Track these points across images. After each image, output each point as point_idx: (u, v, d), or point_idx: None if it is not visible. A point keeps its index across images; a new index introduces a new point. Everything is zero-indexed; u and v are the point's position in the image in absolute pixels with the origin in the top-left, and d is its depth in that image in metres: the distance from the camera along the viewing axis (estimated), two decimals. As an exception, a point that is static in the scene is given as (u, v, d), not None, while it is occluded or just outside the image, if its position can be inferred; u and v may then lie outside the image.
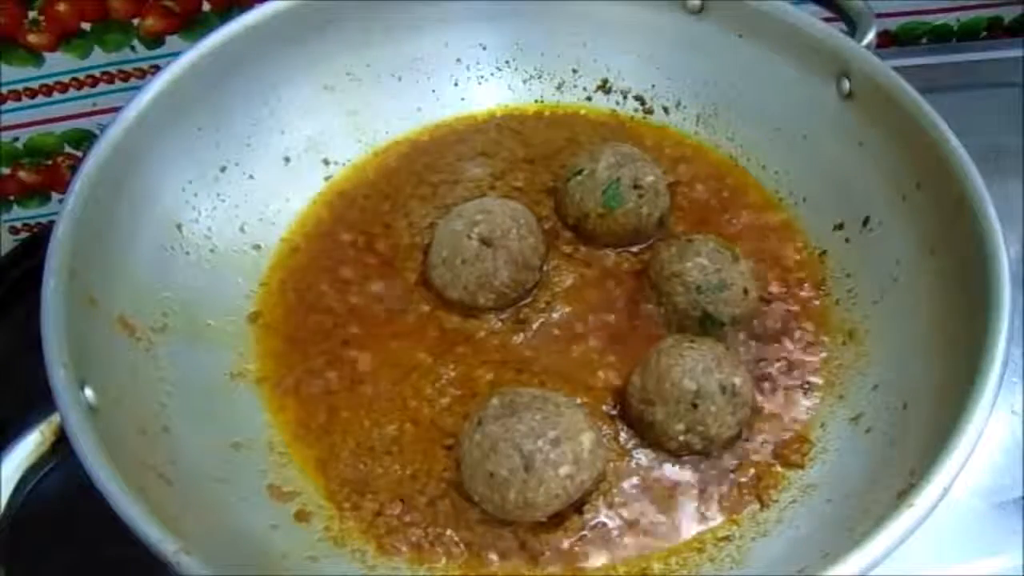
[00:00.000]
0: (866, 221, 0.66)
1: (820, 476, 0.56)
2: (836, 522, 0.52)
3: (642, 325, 0.63)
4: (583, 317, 0.64)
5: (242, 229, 0.68)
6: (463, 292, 0.62)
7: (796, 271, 0.67)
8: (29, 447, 0.48)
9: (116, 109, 0.61)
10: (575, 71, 0.78)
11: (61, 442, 0.47)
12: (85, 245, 0.55)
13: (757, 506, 0.56)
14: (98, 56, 0.85)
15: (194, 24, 0.85)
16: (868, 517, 0.48)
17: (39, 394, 0.47)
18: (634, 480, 0.56)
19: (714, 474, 0.57)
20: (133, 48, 0.85)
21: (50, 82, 0.86)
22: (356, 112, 0.74)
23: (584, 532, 0.54)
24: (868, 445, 0.56)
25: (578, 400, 0.57)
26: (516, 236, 0.62)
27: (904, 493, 0.47)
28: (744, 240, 0.68)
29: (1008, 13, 1.02)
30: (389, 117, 0.75)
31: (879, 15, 0.77)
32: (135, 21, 0.83)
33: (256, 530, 0.53)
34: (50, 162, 0.92)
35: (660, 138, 0.76)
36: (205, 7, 0.84)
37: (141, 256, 0.60)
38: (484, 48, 0.78)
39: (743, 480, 0.56)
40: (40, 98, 0.87)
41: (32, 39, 0.82)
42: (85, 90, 0.87)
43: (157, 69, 0.74)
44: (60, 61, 0.84)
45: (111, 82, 0.87)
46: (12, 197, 0.95)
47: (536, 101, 0.79)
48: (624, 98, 0.78)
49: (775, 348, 0.62)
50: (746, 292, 0.61)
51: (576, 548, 0.54)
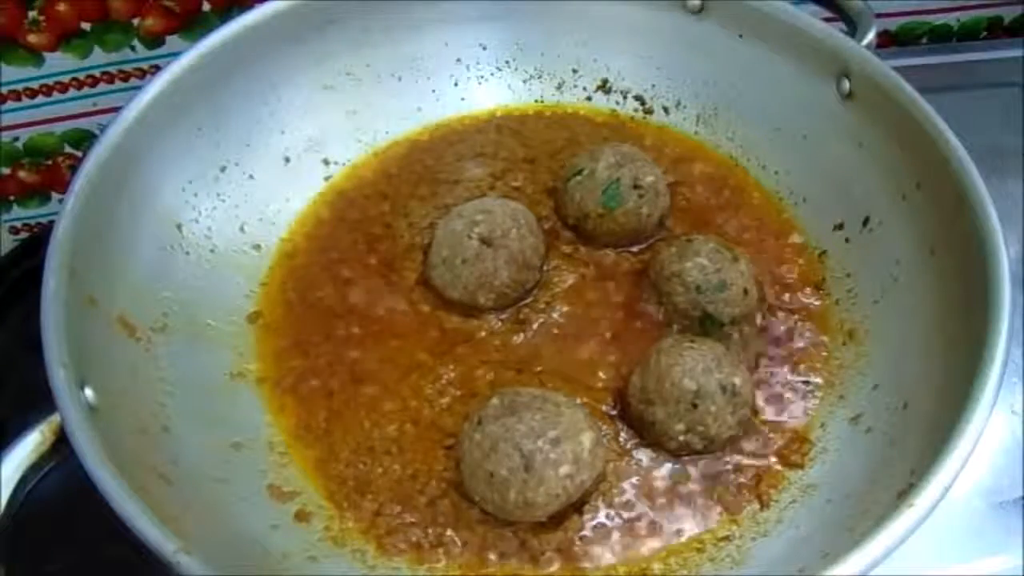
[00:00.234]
0: (866, 221, 0.65)
1: (820, 476, 0.56)
2: (836, 522, 0.52)
3: (642, 325, 0.63)
4: (583, 317, 0.64)
5: (242, 229, 0.68)
6: (463, 292, 0.62)
7: (796, 271, 0.67)
8: (29, 447, 0.48)
9: (116, 109, 0.61)
10: (575, 71, 0.78)
11: (61, 442, 0.47)
12: (85, 245, 0.55)
13: (757, 506, 0.56)
14: (98, 56, 0.85)
15: (194, 24, 0.85)
16: (868, 517, 0.48)
17: (39, 394, 0.47)
18: (634, 480, 0.56)
19: (714, 474, 0.57)
20: (133, 48, 0.85)
21: (50, 82, 0.86)
22: (356, 112, 0.74)
23: (584, 532, 0.54)
24: (868, 445, 0.56)
25: (578, 400, 0.57)
26: (516, 236, 0.62)
27: (904, 493, 0.47)
28: (744, 240, 0.68)
29: (1008, 13, 1.02)
30: (389, 117, 0.75)
31: (879, 15, 0.77)
32: (135, 21, 0.83)
33: (256, 530, 0.53)
34: (50, 162, 0.92)
35: (660, 138, 0.75)
36: (205, 7, 0.84)
37: (141, 256, 0.60)
38: (484, 48, 0.78)
39: (743, 480, 0.56)
40: (40, 98, 0.87)
41: (32, 39, 0.82)
42: (85, 90, 0.87)
43: (157, 69, 0.74)
44: (60, 61, 0.84)
45: (111, 82, 0.87)
46: (12, 197, 0.95)
47: (536, 101, 0.78)
48: (624, 98, 0.78)
49: (775, 348, 0.62)
50: (746, 292, 0.61)
51: (576, 548, 0.54)
